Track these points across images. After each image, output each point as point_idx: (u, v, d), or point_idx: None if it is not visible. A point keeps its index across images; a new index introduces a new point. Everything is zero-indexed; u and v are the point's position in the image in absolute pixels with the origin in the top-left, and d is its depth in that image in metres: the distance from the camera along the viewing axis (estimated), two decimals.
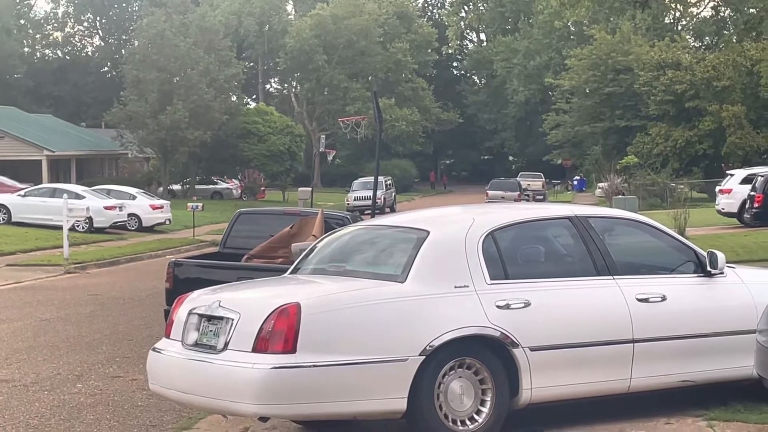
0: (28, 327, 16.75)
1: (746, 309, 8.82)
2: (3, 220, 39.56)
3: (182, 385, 8.01)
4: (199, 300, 8.34)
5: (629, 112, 70.90)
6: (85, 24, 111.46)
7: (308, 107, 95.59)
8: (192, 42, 65.84)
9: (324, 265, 8.90)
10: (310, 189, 52.19)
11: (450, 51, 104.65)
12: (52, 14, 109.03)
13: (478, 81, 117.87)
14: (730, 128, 61.17)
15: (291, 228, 13.23)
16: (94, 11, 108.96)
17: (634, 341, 8.46)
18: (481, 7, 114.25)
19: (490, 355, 7.95)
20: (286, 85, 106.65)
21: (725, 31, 78.86)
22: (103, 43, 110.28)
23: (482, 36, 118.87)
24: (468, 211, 9.67)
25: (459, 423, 7.85)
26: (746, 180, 35.64)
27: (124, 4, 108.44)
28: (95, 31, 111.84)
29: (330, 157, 73.91)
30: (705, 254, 9.08)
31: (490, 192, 63.55)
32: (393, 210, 56.82)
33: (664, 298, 8.67)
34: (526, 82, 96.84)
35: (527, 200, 60.81)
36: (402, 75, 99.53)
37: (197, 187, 69.83)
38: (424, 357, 7.66)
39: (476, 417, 7.91)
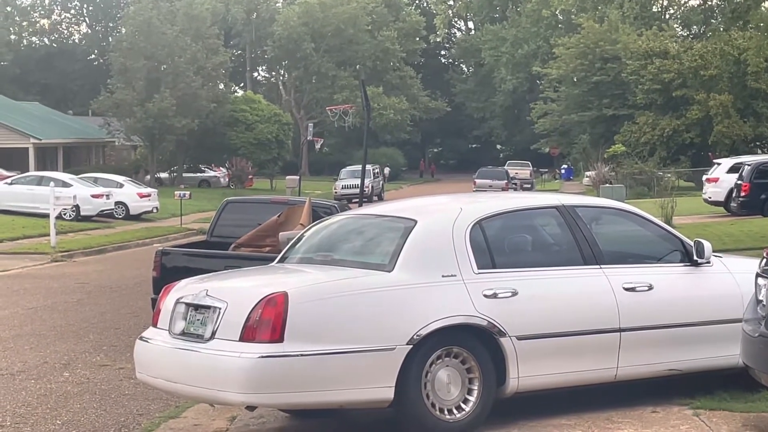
0: (15, 315, 16.71)
1: (732, 298, 8.84)
2: None
3: (169, 374, 8.00)
4: (187, 289, 8.33)
5: (617, 100, 70.90)
6: (72, 11, 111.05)
7: (296, 95, 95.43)
8: (179, 30, 65.62)
9: (311, 254, 8.89)
10: (297, 177, 52.12)
11: (438, 39, 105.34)
12: (38, 1, 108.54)
13: (465, 69, 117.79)
14: (717, 117, 61.23)
15: (278, 217, 13.22)
16: None
17: (620, 330, 8.48)
18: None
19: (477, 344, 7.96)
20: (273, 73, 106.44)
21: (713, 20, 78.97)
22: (90, 31, 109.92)
23: (470, 24, 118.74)
24: (455, 200, 9.68)
25: (446, 412, 7.86)
26: (733, 169, 35.72)
27: None
28: (82, 18, 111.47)
29: (318, 146, 73.73)
30: (692, 243, 9.10)
31: (477, 180, 63.54)
32: (381, 198, 56.80)
33: (650, 288, 8.69)
34: (514, 71, 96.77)
35: (515, 189, 60.84)
36: (390, 63, 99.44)
37: (185, 175, 69.66)
38: (411, 346, 7.66)
39: (463, 406, 7.92)
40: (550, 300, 8.34)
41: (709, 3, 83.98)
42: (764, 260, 7.74)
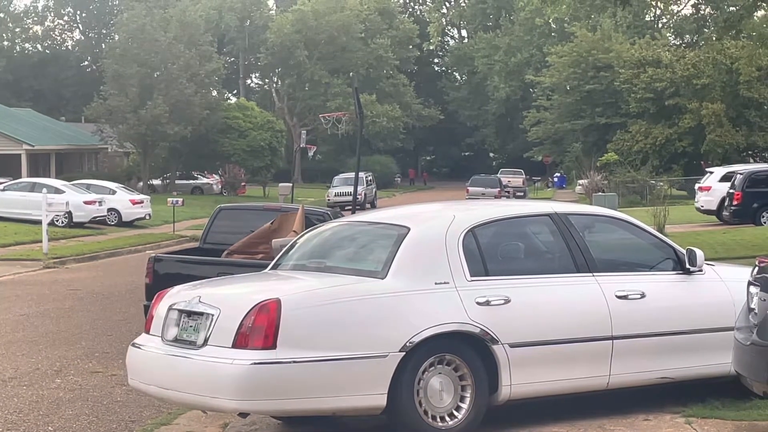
0: (7, 322, 16.68)
1: (724, 306, 8.85)
2: None
3: (162, 380, 8.00)
4: (179, 295, 8.33)
5: (609, 109, 71.04)
6: (65, 18, 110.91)
7: (289, 103, 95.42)
8: (172, 36, 65.60)
9: (304, 261, 8.89)
10: (290, 184, 52.14)
11: (431, 47, 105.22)
12: (32, 8, 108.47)
13: (459, 77, 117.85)
14: (709, 126, 61.36)
15: (271, 224, 13.23)
16: (74, 5, 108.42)
17: (613, 338, 8.49)
18: (463, 4, 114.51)
19: (469, 351, 7.97)
20: (267, 80, 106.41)
21: (705, 29, 79.13)
22: (83, 37, 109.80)
23: (463, 32, 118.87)
24: (448, 208, 9.68)
25: (438, 419, 7.86)
26: (725, 178, 35.80)
27: None
28: (75, 25, 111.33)
29: (311, 153, 73.90)
30: (684, 252, 9.11)
31: (470, 188, 63.56)
32: (374, 206, 56.78)
33: (643, 296, 8.70)
34: (507, 79, 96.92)
35: (508, 197, 60.89)
36: (383, 71, 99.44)
37: (177, 182, 69.65)
38: (404, 353, 7.67)
39: (456, 413, 7.93)
40: (543, 308, 8.35)
41: (702, 12, 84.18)
42: (756, 269, 7.75)
